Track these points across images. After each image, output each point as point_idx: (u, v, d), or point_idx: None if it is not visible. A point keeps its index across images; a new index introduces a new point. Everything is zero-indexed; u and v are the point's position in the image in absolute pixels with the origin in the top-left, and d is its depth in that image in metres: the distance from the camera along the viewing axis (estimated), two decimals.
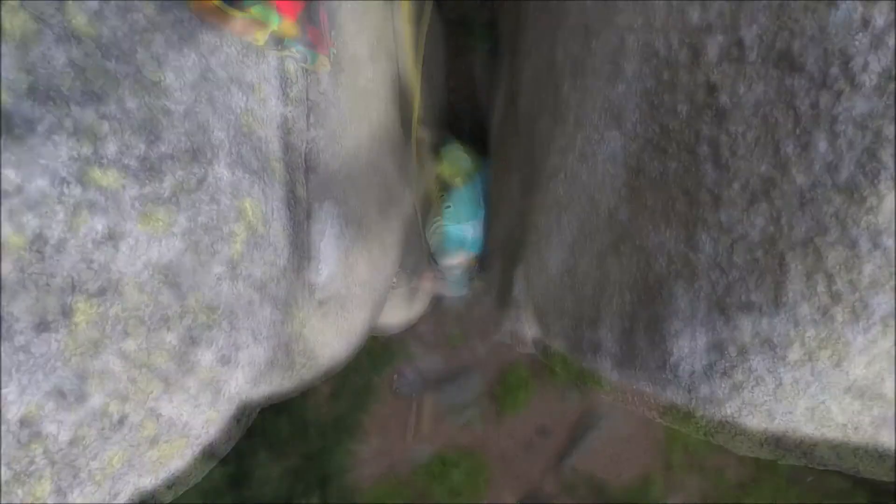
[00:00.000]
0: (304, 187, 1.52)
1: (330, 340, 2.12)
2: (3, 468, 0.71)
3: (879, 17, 0.58)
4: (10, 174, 0.58)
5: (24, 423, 0.71)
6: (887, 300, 0.66)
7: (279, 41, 1.03)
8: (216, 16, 0.84)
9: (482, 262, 3.52)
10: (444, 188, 2.71)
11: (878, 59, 0.61)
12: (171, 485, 1.08)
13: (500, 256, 3.27)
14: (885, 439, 0.85)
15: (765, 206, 0.77)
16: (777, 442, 0.93)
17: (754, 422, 0.94)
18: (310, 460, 6.16)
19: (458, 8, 4.46)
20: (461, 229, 3.04)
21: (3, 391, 0.66)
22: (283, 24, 0.95)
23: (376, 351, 6.40)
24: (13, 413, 0.69)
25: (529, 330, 2.82)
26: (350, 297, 2.17)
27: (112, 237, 0.73)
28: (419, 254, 3.70)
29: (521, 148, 2.37)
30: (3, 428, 0.69)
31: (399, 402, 7.05)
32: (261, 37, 0.95)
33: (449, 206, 2.73)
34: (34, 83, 0.60)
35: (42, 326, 0.68)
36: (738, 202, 0.82)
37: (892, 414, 0.81)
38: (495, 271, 3.40)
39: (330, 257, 1.83)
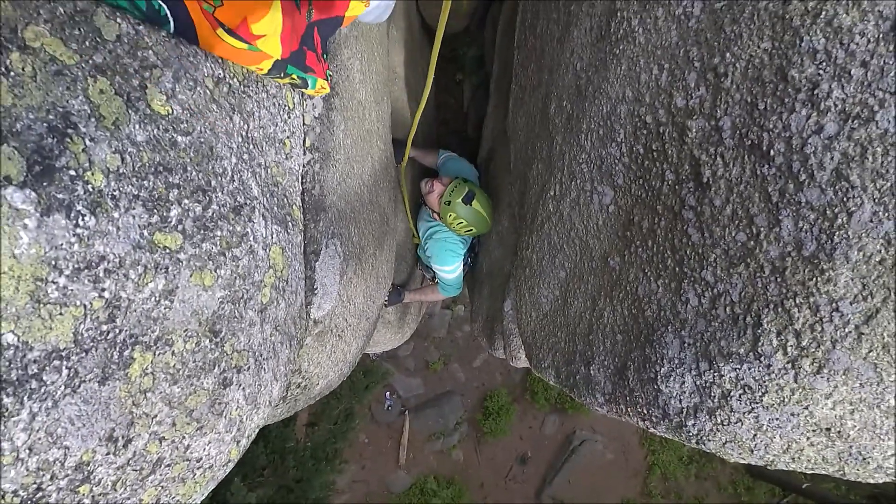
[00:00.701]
0: (315, 228, 1.61)
1: (326, 370, 2.16)
2: None
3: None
4: (97, 244, 0.65)
5: (78, 468, 0.76)
6: (845, 355, 0.78)
7: (282, 68, 1.05)
8: (224, 49, 0.88)
9: (472, 271, 3.59)
10: (447, 199, 2.78)
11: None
12: None
13: (488, 284, 3.37)
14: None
15: (742, 270, 0.90)
16: (766, 447, 0.99)
17: (742, 429, 1.02)
18: (287, 489, 6.00)
19: (449, 44, 4.69)
20: (463, 239, 3.11)
21: (66, 443, 0.72)
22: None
23: (358, 377, 6.35)
24: (71, 461, 0.74)
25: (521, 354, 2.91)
26: (347, 327, 2.23)
27: (169, 293, 0.80)
28: (409, 270, 3.77)
29: (515, 187, 2.51)
30: (61, 475, 0.73)
31: (378, 429, 6.98)
32: (266, 65, 1.00)
33: (452, 215, 2.80)
34: (120, 165, 0.68)
35: (104, 378, 0.74)
36: (720, 264, 0.95)
37: (849, 448, 0.93)
38: (484, 297, 3.50)
39: (331, 293, 1.90)
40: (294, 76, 1.10)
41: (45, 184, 0.57)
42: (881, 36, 0.69)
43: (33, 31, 0.58)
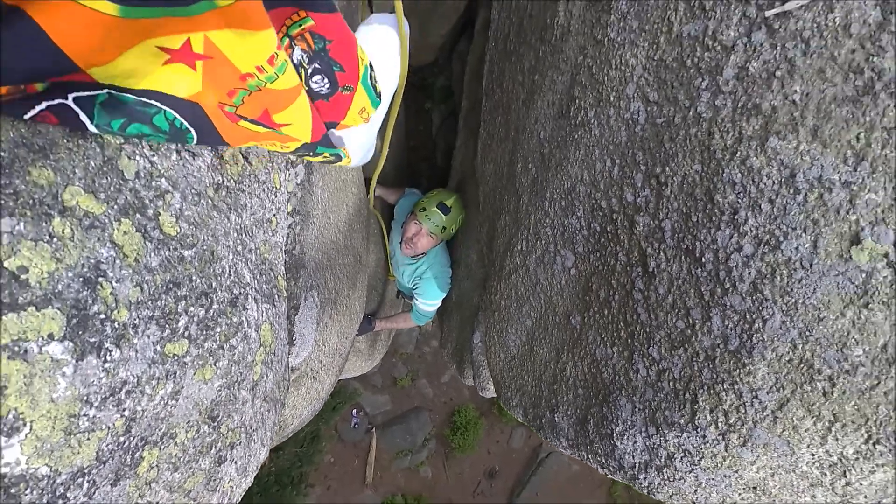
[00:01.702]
0: (295, 285, 1.67)
1: (300, 410, 2.21)
2: None
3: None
4: (121, 371, 0.72)
5: None
6: (765, 433, 0.94)
7: (311, 149, 1.06)
8: (247, 135, 0.89)
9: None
10: (440, 228, 2.89)
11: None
12: None
13: (457, 313, 3.49)
14: None
15: (682, 353, 1.06)
16: (705, 500, 1.16)
17: (685, 485, 1.19)
18: None
19: (418, 73, 4.82)
20: (447, 274, 3.19)
21: None
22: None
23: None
24: None
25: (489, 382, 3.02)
26: (321, 368, 2.28)
27: (176, 394, 0.86)
28: (378, 299, 3.83)
29: (484, 228, 2.64)
30: None
31: (345, 448, 6.93)
32: (293, 146, 1.00)
33: (453, 227, 2.90)
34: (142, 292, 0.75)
35: (117, 480, 0.80)
36: (664, 344, 1.11)
37: (773, 502, 1.10)
38: (453, 325, 3.61)
39: (308, 340, 1.96)
40: (326, 154, 1.11)
41: (80, 332, 0.63)
42: (783, 180, 0.86)
43: (70, 191, 0.64)
